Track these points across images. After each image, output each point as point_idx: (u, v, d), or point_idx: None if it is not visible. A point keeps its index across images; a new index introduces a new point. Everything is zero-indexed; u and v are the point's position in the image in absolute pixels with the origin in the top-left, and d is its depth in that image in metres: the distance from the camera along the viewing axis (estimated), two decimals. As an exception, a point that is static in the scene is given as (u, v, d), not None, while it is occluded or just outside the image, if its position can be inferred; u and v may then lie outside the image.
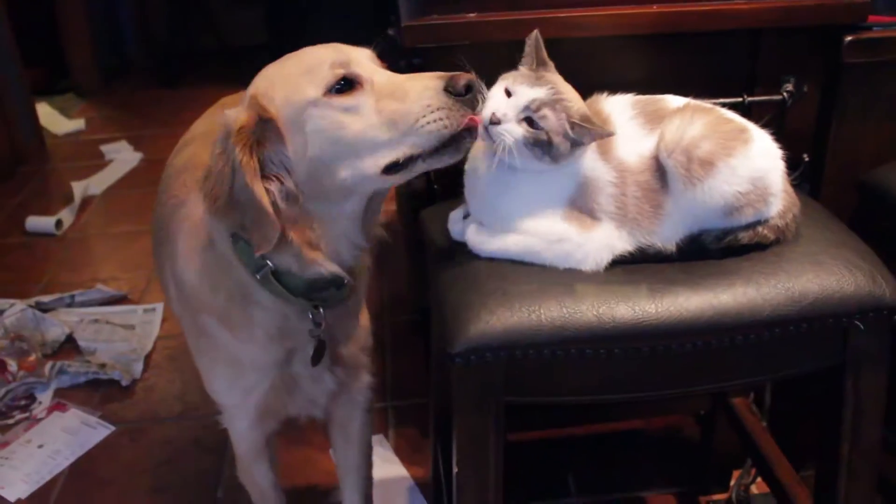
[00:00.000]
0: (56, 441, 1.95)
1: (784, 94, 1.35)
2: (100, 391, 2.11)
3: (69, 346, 2.28)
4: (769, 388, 1.63)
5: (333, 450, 1.47)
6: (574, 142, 1.02)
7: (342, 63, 0.99)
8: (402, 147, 0.97)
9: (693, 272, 1.04)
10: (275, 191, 0.99)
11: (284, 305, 1.09)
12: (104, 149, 3.60)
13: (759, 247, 1.07)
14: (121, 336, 2.30)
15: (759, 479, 1.66)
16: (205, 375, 1.25)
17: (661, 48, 1.34)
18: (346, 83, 0.98)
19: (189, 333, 1.25)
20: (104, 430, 1.98)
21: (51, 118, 3.96)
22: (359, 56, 1.02)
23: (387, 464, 1.79)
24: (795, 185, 1.15)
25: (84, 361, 2.19)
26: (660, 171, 1.05)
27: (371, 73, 1.00)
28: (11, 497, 1.79)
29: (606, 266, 1.06)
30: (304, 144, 0.98)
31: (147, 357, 2.22)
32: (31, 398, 2.09)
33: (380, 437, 1.86)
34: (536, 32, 1.07)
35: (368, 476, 1.48)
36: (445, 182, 1.33)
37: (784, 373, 1.11)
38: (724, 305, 1.00)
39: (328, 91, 0.97)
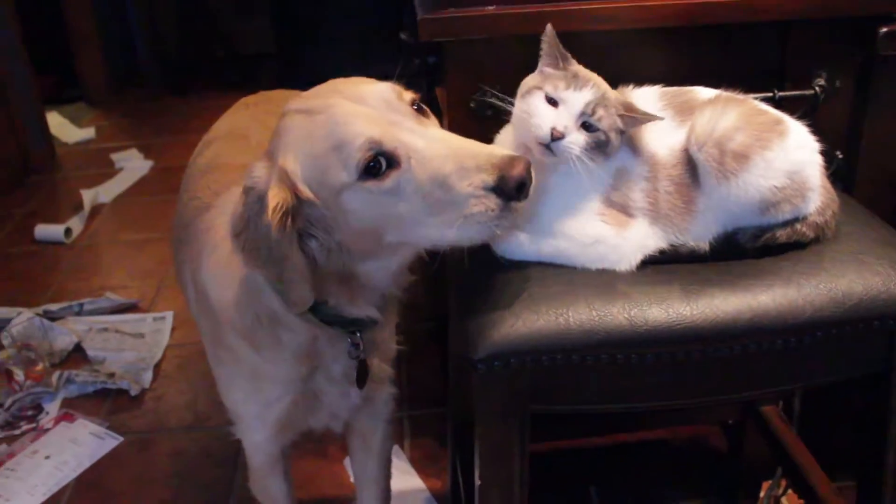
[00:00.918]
0: (63, 452, 1.91)
1: (816, 89, 1.31)
2: (108, 401, 2.09)
3: (77, 356, 2.25)
4: (798, 394, 1.58)
5: (352, 461, 1.44)
6: (622, 133, 0.99)
7: (374, 142, 0.89)
8: (449, 232, 0.90)
9: (729, 272, 1.00)
10: (314, 247, 0.95)
11: (315, 328, 1.06)
12: (114, 157, 3.61)
13: (798, 245, 1.03)
14: (130, 345, 2.27)
15: (790, 491, 1.61)
16: (222, 384, 1.22)
17: (687, 42, 1.29)
18: (383, 160, 0.89)
19: (207, 339, 1.22)
20: (112, 441, 1.95)
21: (61, 127, 3.97)
22: (393, 117, 0.92)
23: (403, 475, 1.76)
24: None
25: (92, 371, 2.16)
26: (691, 165, 1.01)
27: (409, 144, 0.90)
28: (17, 510, 1.77)
29: (638, 265, 1.01)
30: (345, 217, 0.93)
31: (156, 366, 2.20)
32: (38, 408, 2.06)
33: (395, 448, 1.82)
34: (550, 27, 1.03)
35: (387, 488, 1.45)
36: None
37: (825, 378, 1.07)
38: (763, 307, 0.95)
39: (362, 174, 0.89)
